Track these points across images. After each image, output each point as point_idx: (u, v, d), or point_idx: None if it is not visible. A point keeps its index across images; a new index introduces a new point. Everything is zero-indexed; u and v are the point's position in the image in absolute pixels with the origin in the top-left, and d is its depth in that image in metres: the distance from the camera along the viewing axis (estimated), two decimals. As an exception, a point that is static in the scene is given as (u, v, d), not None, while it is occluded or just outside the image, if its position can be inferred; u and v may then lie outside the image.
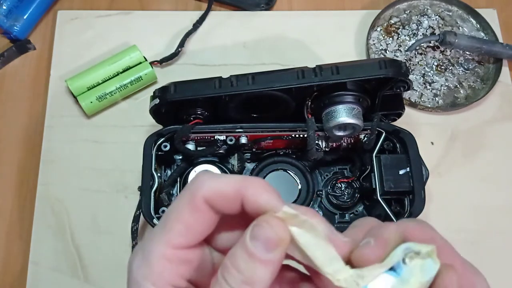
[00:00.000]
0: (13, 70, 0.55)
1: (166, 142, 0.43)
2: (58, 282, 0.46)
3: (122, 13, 0.57)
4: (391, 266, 0.21)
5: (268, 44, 0.56)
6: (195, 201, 0.21)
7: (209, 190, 0.21)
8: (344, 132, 0.42)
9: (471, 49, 0.54)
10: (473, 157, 0.52)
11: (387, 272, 0.20)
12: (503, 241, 0.49)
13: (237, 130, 0.43)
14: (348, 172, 0.48)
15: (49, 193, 0.49)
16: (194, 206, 0.21)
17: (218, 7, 0.58)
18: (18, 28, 0.54)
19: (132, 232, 0.43)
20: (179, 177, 0.44)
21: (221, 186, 0.21)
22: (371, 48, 0.56)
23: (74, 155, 0.50)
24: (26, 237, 0.48)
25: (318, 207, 0.46)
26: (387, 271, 0.20)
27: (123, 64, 0.52)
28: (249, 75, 0.41)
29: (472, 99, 0.54)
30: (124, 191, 0.49)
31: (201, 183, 0.22)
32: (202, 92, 0.41)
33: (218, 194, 0.21)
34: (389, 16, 0.58)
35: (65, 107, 0.52)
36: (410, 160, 0.42)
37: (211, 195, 0.21)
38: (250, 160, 0.47)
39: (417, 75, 0.55)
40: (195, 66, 0.55)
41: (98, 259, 0.47)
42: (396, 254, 0.21)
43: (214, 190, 0.21)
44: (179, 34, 0.55)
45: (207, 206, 0.21)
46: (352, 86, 0.41)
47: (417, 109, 0.54)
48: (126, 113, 0.52)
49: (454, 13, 0.59)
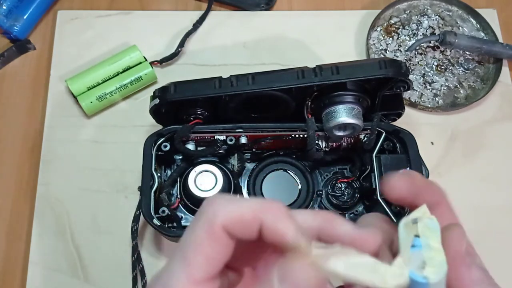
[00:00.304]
0: (13, 70, 0.55)
1: (166, 142, 0.43)
2: (58, 282, 0.46)
3: (122, 13, 0.57)
4: (412, 245, 0.21)
5: (268, 44, 0.56)
6: (214, 230, 0.20)
7: (227, 217, 0.20)
8: (344, 132, 0.42)
9: (471, 49, 0.54)
10: (473, 157, 0.52)
11: (412, 250, 0.21)
12: (503, 241, 0.49)
13: (237, 130, 0.43)
14: (348, 172, 0.48)
15: (49, 193, 0.49)
16: (213, 235, 0.20)
17: (218, 7, 0.58)
18: (18, 28, 0.54)
19: (132, 232, 0.43)
20: (179, 177, 0.44)
21: (240, 212, 0.20)
22: (371, 48, 0.56)
23: (74, 155, 0.50)
24: (26, 237, 0.48)
25: (318, 207, 0.46)
26: (412, 249, 0.21)
27: (123, 64, 0.52)
28: (249, 75, 0.41)
29: (472, 99, 0.54)
30: (124, 191, 0.49)
31: (217, 209, 0.21)
32: (202, 92, 0.41)
33: (237, 221, 0.20)
34: (389, 16, 0.58)
35: (65, 107, 0.52)
36: (410, 160, 0.42)
37: (230, 222, 0.20)
38: (250, 160, 0.47)
39: (417, 75, 0.55)
40: (195, 66, 0.55)
41: (98, 259, 0.47)
42: (403, 235, 0.21)
43: (233, 217, 0.20)
44: (179, 34, 0.55)
45: (226, 234, 0.20)
46: (352, 86, 0.41)
47: (417, 109, 0.54)
48: (126, 113, 0.52)
49: (454, 13, 0.59)
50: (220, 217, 0.20)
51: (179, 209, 0.44)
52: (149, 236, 0.47)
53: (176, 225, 0.43)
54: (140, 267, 0.45)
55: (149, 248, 0.47)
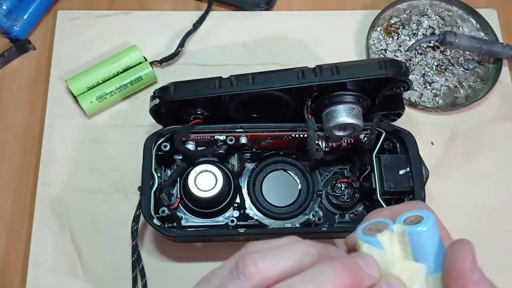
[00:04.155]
0: (13, 70, 0.55)
1: (166, 142, 0.43)
2: (58, 282, 0.46)
3: (122, 13, 0.57)
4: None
5: (268, 44, 0.56)
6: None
7: (263, 280, 0.20)
8: (344, 132, 0.42)
9: (471, 49, 0.54)
10: (473, 157, 0.52)
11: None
12: (503, 241, 0.49)
13: (237, 130, 0.43)
14: (348, 172, 0.47)
15: (49, 193, 0.49)
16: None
17: (218, 7, 0.58)
18: (18, 28, 0.54)
19: (132, 232, 0.43)
20: (179, 177, 0.44)
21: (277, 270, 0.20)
22: (371, 48, 0.56)
23: (74, 155, 0.50)
24: (26, 237, 0.48)
25: (318, 207, 0.46)
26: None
27: (123, 64, 0.52)
28: (249, 75, 0.41)
29: (472, 99, 0.54)
30: (124, 191, 0.49)
31: (254, 269, 0.20)
32: (202, 92, 0.41)
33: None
34: (389, 16, 0.58)
35: (65, 107, 0.52)
36: (410, 160, 0.42)
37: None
38: (250, 160, 0.47)
39: (417, 75, 0.55)
40: (195, 66, 0.55)
41: (98, 259, 0.47)
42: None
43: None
44: (179, 34, 0.55)
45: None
46: (352, 86, 0.41)
47: (417, 109, 0.54)
48: (126, 113, 0.52)
49: (454, 13, 0.59)
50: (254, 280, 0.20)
51: (179, 209, 0.44)
52: (149, 236, 0.47)
53: (176, 225, 0.43)
54: (140, 267, 0.45)
55: (149, 248, 0.47)
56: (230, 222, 0.43)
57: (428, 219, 0.23)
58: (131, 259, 0.45)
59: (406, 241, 0.23)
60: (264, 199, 0.45)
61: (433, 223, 0.23)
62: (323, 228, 0.43)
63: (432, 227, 0.23)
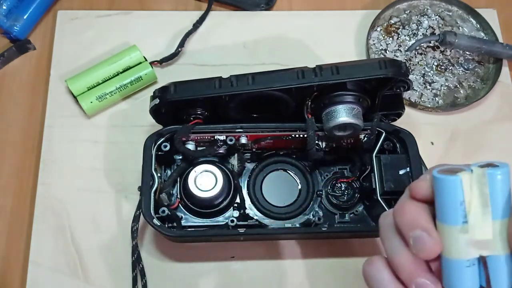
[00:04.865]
0: (13, 70, 0.55)
1: (166, 142, 0.43)
2: (58, 282, 0.46)
3: (122, 13, 0.57)
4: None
5: (268, 44, 0.56)
6: None
7: None
8: (344, 132, 0.42)
9: (471, 49, 0.54)
10: (473, 157, 0.52)
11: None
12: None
13: (237, 130, 0.43)
14: (348, 172, 0.48)
15: (49, 193, 0.49)
16: None
17: (218, 7, 0.58)
18: (18, 28, 0.54)
19: (132, 232, 0.43)
20: (179, 177, 0.44)
21: None
22: (371, 48, 0.56)
23: (74, 155, 0.50)
24: (26, 237, 0.48)
25: (318, 207, 0.46)
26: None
27: (123, 64, 0.52)
28: (249, 75, 0.41)
29: (472, 99, 0.54)
30: (124, 191, 0.49)
31: None
32: (202, 92, 0.41)
33: None
34: (389, 16, 0.58)
35: (65, 107, 0.52)
36: (410, 160, 0.42)
37: None
38: (250, 160, 0.47)
39: (417, 75, 0.55)
40: (195, 66, 0.55)
41: (98, 259, 0.47)
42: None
43: None
44: (179, 34, 0.55)
45: None
46: (352, 86, 0.41)
47: (417, 109, 0.54)
48: (126, 113, 0.52)
49: (454, 13, 0.59)
50: None
51: (179, 209, 0.44)
52: (149, 236, 0.47)
53: (176, 225, 0.43)
54: (140, 267, 0.45)
55: (149, 248, 0.47)
56: (230, 222, 0.43)
57: (504, 166, 0.24)
58: (131, 259, 0.45)
59: (485, 182, 0.24)
60: (264, 199, 0.45)
61: (508, 170, 0.24)
62: (323, 228, 0.43)
63: (508, 173, 0.24)
